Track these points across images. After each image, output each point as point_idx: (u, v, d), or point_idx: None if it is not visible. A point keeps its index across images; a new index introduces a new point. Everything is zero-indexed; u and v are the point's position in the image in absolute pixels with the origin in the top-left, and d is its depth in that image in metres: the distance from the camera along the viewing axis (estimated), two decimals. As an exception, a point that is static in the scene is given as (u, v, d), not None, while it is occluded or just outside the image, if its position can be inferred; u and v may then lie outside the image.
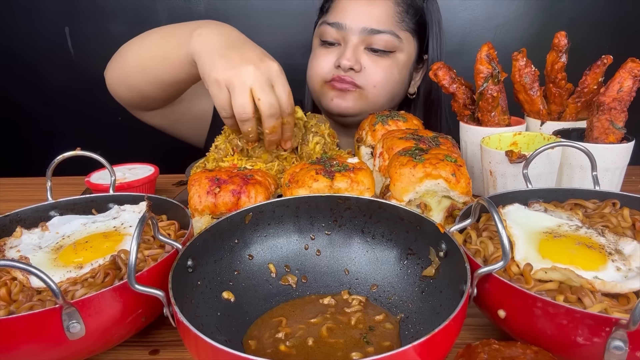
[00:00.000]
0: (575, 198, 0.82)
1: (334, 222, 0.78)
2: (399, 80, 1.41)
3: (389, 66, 1.37)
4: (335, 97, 1.37)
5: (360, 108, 1.38)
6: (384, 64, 1.36)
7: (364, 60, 1.35)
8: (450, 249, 0.67)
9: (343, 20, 1.34)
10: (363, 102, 1.38)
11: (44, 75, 2.31)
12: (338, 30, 1.35)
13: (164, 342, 0.73)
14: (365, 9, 1.33)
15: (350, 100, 1.37)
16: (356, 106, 1.38)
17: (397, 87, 1.42)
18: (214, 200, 0.84)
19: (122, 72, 1.28)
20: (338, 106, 1.37)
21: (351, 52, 1.33)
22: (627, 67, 0.98)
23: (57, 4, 2.19)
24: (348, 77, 1.34)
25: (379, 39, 1.33)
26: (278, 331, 0.66)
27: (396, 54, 1.38)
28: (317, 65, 1.41)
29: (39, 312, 0.56)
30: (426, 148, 0.92)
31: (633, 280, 0.60)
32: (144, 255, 0.71)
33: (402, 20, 1.37)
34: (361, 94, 1.37)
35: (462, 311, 0.55)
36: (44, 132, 2.37)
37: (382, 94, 1.38)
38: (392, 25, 1.34)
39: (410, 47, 1.41)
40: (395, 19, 1.35)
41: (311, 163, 0.90)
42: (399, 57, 1.39)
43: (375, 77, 1.35)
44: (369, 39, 1.33)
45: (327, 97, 1.39)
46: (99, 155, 0.91)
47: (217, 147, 1.12)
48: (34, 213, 0.85)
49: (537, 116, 1.20)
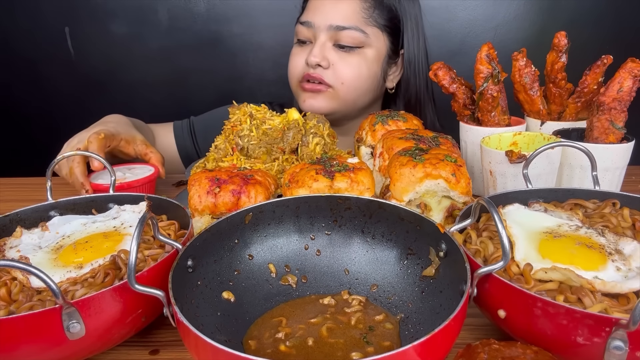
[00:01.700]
0: (575, 198, 0.82)
1: (334, 222, 0.78)
2: (369, 75, 1.44)
3: (357, 62, 1.40)
4: (308, 98, 1.42)
5: (332, 107, 1.42)
6: (352, 60, 1.39)
7: (331, 56, 1.38)
8: (450, 249, 0.67)
9: (312, 18, 1.39)
10: (335, 101, 1.42)
11: (44, 75, 2.31)
12: (308, 28, 1.40)
13: (164, 342, 0.73)
14: (332, 6, 1.38)
15: (322, 101, 1.41)
16: (329, 106, 1.42)
17: (368, 82, 1.45)
18: (214, 200, 0.84)
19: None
20: (311, 107, 1.41)
21: (318, 49, 1.37)
22: (627, 67, 0.98)
23: (57, 4, 2.19)
24: (317, 75, 1.38)
25: (345, 35, 1.37)
26: (278, 331, 0.66)
27: (364, 50, 1.40)
28: (291, 64, 1.47)
29: (39, 312, 0.55)
30: (426, 148, 0.92)
31: (633, 280, 0.60)
32: (144, 255, 0.71)
33: (370, 16, 1.40)
34: (331, 93, 1.41)
35: (462, 311, 0.55)
36: (44, 132, 2.37)
37: (351, 90, 1.41)
38: (358, 22, 1.38)
39: (379, 43, 1.43)
40: (362, 15, 1.39)
41: (311, 163, 0.90)
42: (367, 53, 1.41)
43: (343, 73, 1.39)
44: (336, 35, 1.37)
45: (300, 99, 1.45)
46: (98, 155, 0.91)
47: (217, 147, 1.12)
48: (34, 213, 0.85)
49: (537, 116, 1.20)
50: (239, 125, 1.11)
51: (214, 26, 2.25)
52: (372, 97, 1.51)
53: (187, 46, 2.28)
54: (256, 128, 1.09)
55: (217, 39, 2.27)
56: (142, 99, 2.31)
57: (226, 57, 2.31)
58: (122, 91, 2.32)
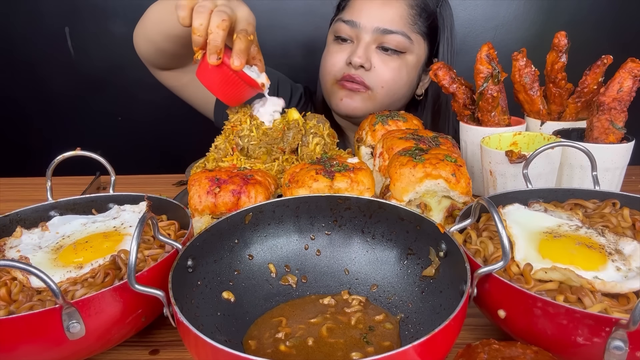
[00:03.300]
0: (575, 198, 0.82)
1: (334, 222, 0.78)
2: (407, 81, 1.44)
3: (398, 67, 1.39)
4: (345, 96, 1.40)
5: (367, 109, 1.41)
6: (393, 64, 1.39)
7: (374, 59, 1.37)
8: (450, 249, 0.67)
9: (357, 18, 1.37)
10: (370, 102, 1.41)
11: (44, 75, 2.31)
12: (352, 27, 1.38)
13: (164, 342, 0.73)
14: (379, 9, 1.37)
15: (359, 101, 1.40)
16: (364, 107, 1.41)
17: (405, 88, 1.45)
18: (214, 200, 0.84)
19: (143, 27, 1.36)
20: (347, 106, 1.40)
21: (363, 50, 1.36)
22: (627, 67, 0.98)
23: (57, 4, 2.19)
24: (357, 76, 1.37)
25: (390, 39, 1.36)
26: (278, 331, 0.66)
27: (406, 55, 1.40)
28: (329, 61, 1.44)
29: (39, 312, 0.55)
30: (426, 148, 0.92)
31: (633, 280, 0.60)
32: (144, 255, 0.71)
33: (415, 23, 1.39)
34: (369, 95, 1.40)
35: (462, 311, 0.55)
36: (44, 132, 2.38)
37: (389, 94, 1.41)
38: (405, 27, 1.37)
39: (420, 50, 1.43)
40: (408, 21, 1.38)
41: (311, 163, 0.90)
42: (409, 59, 1.41)
43: (384, 77, 1.38)
44: (381, 38, 1.36)
45: (336, 97, 1.43)
46: (98, 155, 0.91)
47: (217, 147, 1.12)
48: (34, 213, 0.85)
49: (537, 116, 1.20)
50: (239, 125, 1.11)
51: (214, 26, 2.25)
52: (404, 103, 1.52)
53: (187, 46, 2.27)
54: (256, 128, 1.09)
55: (217, 39, 2.27)
56: (142, 99, 2.31)
57: (226, 57, 2.31)
58: (122, 91, 2.32)
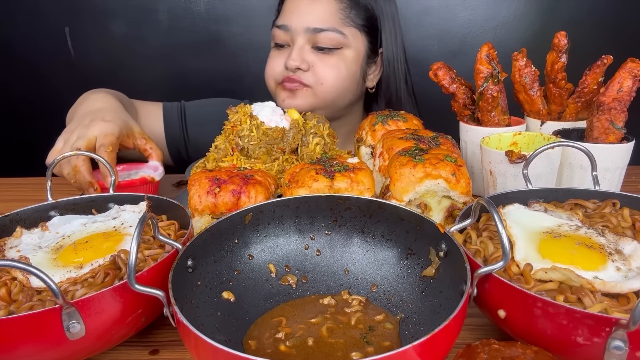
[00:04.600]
0: (575, 198, 0.82)
1: (334, 222, 0.78)
2: (348, 75, 1.44)
3: (336, 63, 1.40)
4: (287, 97, 1.43)
5: (311, 105, 1.42)
6: (331, 61, 1.39)
7: (310, 58, 1.38)
8: (450, 249, 0.67)
9: (288, 22, 1.39)
10: (313, 99, 1.42)
11: (44, 75, 2.31)
12: (285, 32, 1.40)
13: (164, 342, 0.73)
14: (307, 9, 1.38)
15: (300, 98, 1.41)
16: (307, 103, 1.42)
17: (347, 82, 1.45)
18: (214, 200, 0.84)
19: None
20: (289, 106, 1.41)
21: (297, 53, 1.37)
22: (627, 67, 0.98)
23: (57, 4, 2.19)
24: (297, 77, 1.39)
25: (323, 37, 1.37)
26: (278, 331, 0.66)
27: (343, 51, 1.41)
28: (269, 67, 1.47)
29: (39, 312, 0.55)
30: (426, 148, 0.92)
31: (633, 280, 0.60)
32: (144, 255, 0.71)
33: (347, 17, 1.39)
34: (311, 92, 1.41)
35: (462, 311, 0.55)
36: (44, 132, 2.37)
37: (331, 90, 1.42)
38: (336, 23, 1.38)
39: (358, 43, 1.43)
40: (339, 16, 1.38)
41: (311, 163, 0.90)
42: (346, 53, 1.41)
43: (323, 75, 1.39)
44: (314, 37, 1.37)
45: (279, 99, 1.45)
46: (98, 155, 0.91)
47: (217, 147, 1.12)
48: (34, 213, 0.85)
49: (537, 116, 1.20)
50: (239, 126, 1.11)
51: (214, 26, 2.25)
52: (352, 97, 1.51)
53: (187, 46, 2.28)
54: (256, 128, 1.09)
55: (217, 39, 2.27)
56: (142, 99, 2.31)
57: (226, 57, 2.31)
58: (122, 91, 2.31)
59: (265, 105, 1.15)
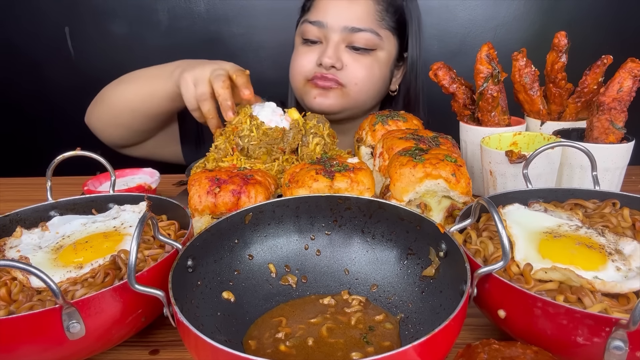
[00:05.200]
0: (575, 198, 0.82)
1: (334, 222, 0.78)
2: (380, 77, 1.44)
3: (370, 64, 1.39)
4: (318, 95, 1.40)
5: (342, 105, 1.41)
6: (365, 61, 1.38)
7: (345, 58, 1.37)
8: (450, 249, 0.67)
9: (324, 18, 1.36)
10: (345, 99, 1.40)
11: (44, 75, 2.31)
12: (319, 28, 1.37)
13: (164, 342, 0.73)
14: (346, 7, 1.36)
15: (333, 98, 1.39)
16: (338, 104, 1.40)
17: (379, 84, 1.45)
18: (214, 200, 0.84)
19: (110, 113, 1.40)
20: (321, 104, 1.39)
21: (332, 50, 1.35)
22: (627, 67, 0.98)
23: (57, 4, 2.19)
24: (330, 75, 1.37)
25: (359, 37, 1.35)
26: (278, 331, 0.66)
27: (377, 52, 1.40)
28: (299, 63, 1.43)
29: (39, 312, 0.55)
30: (426, 148, 0.92)
31: (633, 280, 0.60)
32: (144, 255, 0.71)
33: (382, 19, 1.39)
34: (343, 91, 1.39)
35: (462, 311, 0.55)
36: (44, 132, 2.37)
37: (363, 90, 1.41)
38: (373, 24, 1.37)
39: (390, 45, 1.43)
40: (376, 18, 1.38)
41: (311, 163, 0.90)
42: (380, 55, 1.41)
43: (357, 75, 1.38)
44: (350, 37, 1.36)
45: (310, 96, 1.42)
46: (99, 155, 0.91)
47: (217, 147, 1.12)
48: (34, 213, 0.85)
49: (537, 116, 1.20)
50: (239, 126, 1.11)
51: (214, 26, 2.25)
52: (378, 100, 1.52)
53: (187, 46, 2.27)
54: (256, 128, 1.09)
55: (217, 39, 2.27)
56: (142, 99, 2.31)
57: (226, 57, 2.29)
58: (122, 91, 2.32)
59: (266, 105, 1.15)
